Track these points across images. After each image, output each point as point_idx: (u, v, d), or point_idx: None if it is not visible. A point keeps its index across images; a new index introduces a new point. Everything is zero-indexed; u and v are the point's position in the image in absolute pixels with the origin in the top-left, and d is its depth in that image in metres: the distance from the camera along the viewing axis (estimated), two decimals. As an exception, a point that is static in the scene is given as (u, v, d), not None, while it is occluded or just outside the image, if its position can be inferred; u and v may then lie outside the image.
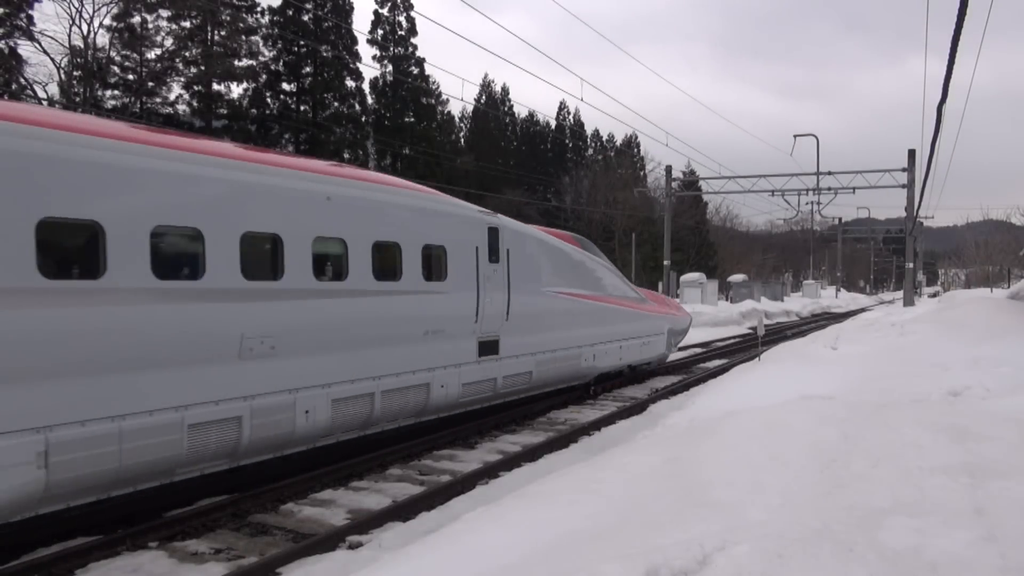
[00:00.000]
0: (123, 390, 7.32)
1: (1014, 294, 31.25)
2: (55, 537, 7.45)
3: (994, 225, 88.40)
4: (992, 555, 4.70)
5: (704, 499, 5.95)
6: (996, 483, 6.04)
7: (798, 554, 4.76)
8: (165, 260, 7.82)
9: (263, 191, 8.87)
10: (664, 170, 44.36)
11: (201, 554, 7.44)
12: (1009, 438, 7.48)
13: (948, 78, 14.20)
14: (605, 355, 16.55)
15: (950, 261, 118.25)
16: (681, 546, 4.83)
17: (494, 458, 11.04)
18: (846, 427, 8.19)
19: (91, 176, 7.19)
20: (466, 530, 5.93)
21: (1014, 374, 11.53)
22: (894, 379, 12.15)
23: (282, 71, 46.91)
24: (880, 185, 37.14)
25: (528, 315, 13.57)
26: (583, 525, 5.60)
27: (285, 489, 9.18)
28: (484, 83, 74.26)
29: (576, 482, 6.95)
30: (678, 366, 21.66)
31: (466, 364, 12.10)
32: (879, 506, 5.62)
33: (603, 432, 12.89)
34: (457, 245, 11.87)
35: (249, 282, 8.53)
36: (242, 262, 8.44)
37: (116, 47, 39.68)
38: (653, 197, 62.26)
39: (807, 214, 58.07)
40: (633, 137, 79.00)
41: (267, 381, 8.76)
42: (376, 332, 10.41)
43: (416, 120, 53.63)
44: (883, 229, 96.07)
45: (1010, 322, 17.75)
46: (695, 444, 7.92)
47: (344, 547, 7.51)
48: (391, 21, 53.69)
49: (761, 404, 9.91)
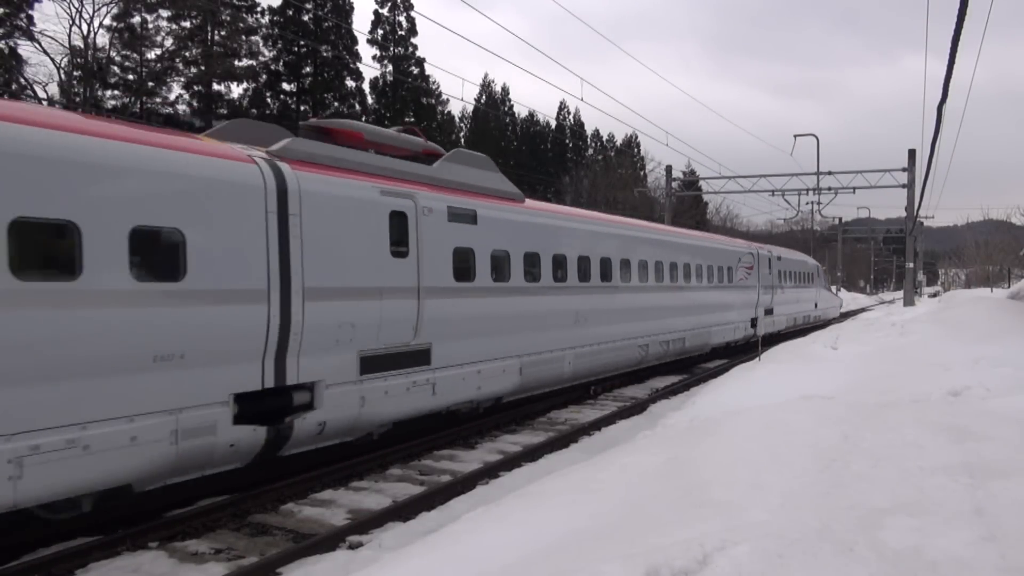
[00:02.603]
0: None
1: (1014, 294, 31.23)
2: (55, 537, 7.46)
3: (994, 225, 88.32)
4: (992, 555, 4.70)
5: (704, 499, 5.95)
6: (996, 483, 6.04)
7: (798, 554, 4.76)
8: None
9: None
10: (664, 170, 44.38)
11: (201, 554, 7.44)
12: (1009, 438, 7.48)
13: (948, 78, 14.20)
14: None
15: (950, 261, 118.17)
16: (681, 546, 4.83)
17: (494, 458, 11.04)
18: (846, 427, 8.19)
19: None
20: (466, 530, 5.93)
21: (1014, 374, 11.52)
22: (894, 379, 12.14)
23: (282, 71, 46.90)
24: (880, 185, 37.09)
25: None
26: (583, 525, 5.60)
27: (285, 489, 9.19)
28: (484, 83, 74.23)
29: (576, 482, 6.95)
30: (678, 366, 21.64)
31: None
32: (879, 506, 5.62)
33: (603, 432, 12.90)
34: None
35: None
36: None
37: (116, 47, 39.70)
38: (653, 197, 62.21)
39: (807, 214, 57.99)
40: (633, 137, 78.97)
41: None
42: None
43: (416, 120, 53.52)
44: (883, 229, 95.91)
45: (1010, 322, 17.75)
46: (695, 444, 7.92)
47: (344, 547, 7.52)
48: (391, 21, 53.69)
49: (761, 404, 9.91)
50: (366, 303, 9.99)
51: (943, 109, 17.40)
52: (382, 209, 10.34)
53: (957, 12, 11.04)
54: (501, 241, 12.73)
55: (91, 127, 7.52)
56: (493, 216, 12.61)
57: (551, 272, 14.18)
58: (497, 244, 12.60)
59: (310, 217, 9.16)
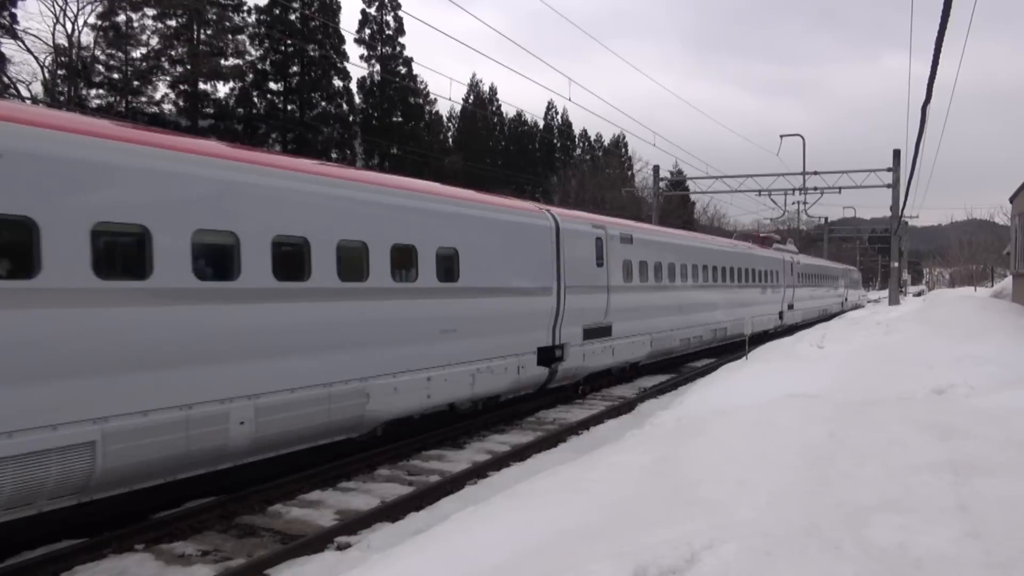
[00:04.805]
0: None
1: (998, 293, 31.50)
2: (40, 540, 7.39)
3: (978, 224, 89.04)
4: (976, 551, 4.74)
5: (692, 498, 5.98)
6: (980, 480, 6.09)
7: (785, 552, 4.78)
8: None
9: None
10: (652, 170, 44.51)
11: (188, 556, 7.40)
12: (993, 435, 7.55)
13: (932, 79, 14.28)
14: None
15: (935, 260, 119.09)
16: (669, 545, 4.85)
17: (483, 458, 11.03)
18: (832, 425, 8.24)
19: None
20: (455, 530, 5.93)
21: (998, 372, 11.62)
22: (879, 377, 12.22)
23: (269, 70, 46.62)
24: (866, 185, 37.34)
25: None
26: (572, 524, 5.61)
27: (273, 490, 9.15)
28: (472, 83, 74.09)
29: (565, 482, 6.96)
30: (667, 365, 21.69)
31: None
32: (865, 504, 5.66)
33: (592, 431, 12.92)
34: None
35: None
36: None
37: (101, 46, 39.37)
38: (641, 197, 62.40)
39: (794, 214, 58.30)
40: (621, 137, 79.16)
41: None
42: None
43: (404, 120, 53.46)
44: (868, 228, 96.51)
45: (994, 320, 17.90)
46: (683, 443, 7.95)
47: (332, 548, 7.49)
48: (379, 20, 53.50)
49: (748, 403, 9.96)
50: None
51: (927, 109, 17.53)
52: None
53: (941, 13, 11.10)
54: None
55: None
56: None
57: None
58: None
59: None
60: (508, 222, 13.44)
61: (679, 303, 20.81)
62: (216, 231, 8.17)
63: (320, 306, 9.33)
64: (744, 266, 27.35)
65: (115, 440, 7.05)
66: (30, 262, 6.57)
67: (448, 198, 12.16)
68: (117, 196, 7.31)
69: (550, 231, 14.59)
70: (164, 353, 7.54)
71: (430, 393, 11.29)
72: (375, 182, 10.89)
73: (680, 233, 24.61)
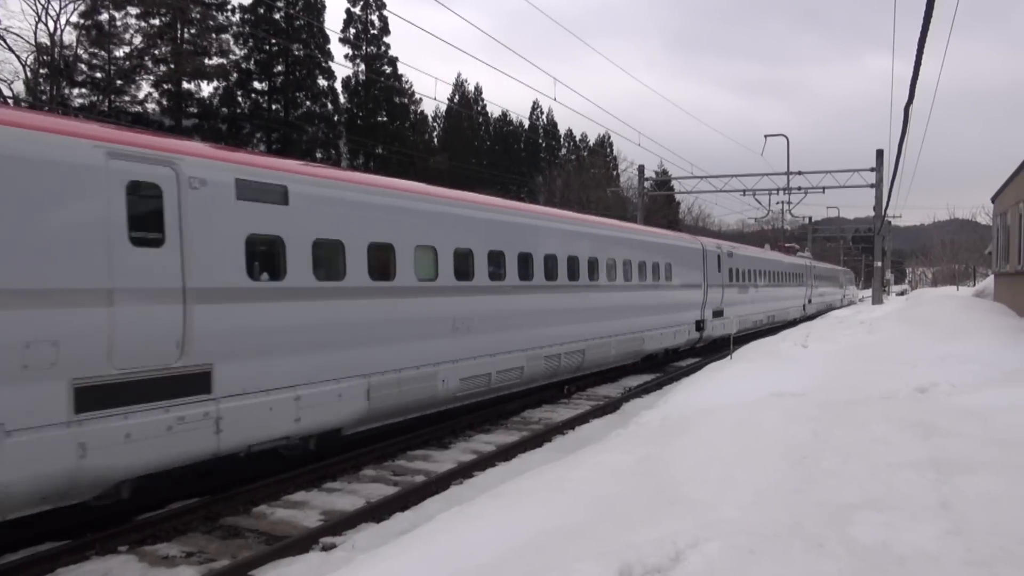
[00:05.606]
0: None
1: (980, 292, 31.80)
2: (22, 542, 7.33)
3: (960, 224, 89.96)
4: (958, 548, 4.79)
5: (677, 496, 6.00)
6: (962, 478, 6.15)
7: (769, 550, 4.81)
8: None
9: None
10: (637, 170, 44.63)
11: (172, 557, 7.35)
12: (974, 434, 7.62)
13: (915, 80, 14.40)
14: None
15: (918, 260, 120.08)
16: (654, 543, 4.86)
17: (468, 458, 11.03)
18: (816, 424, 8.29)
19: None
20: (440, 530, 5.92)
21: (980, 370, 11.72)
22: (863, 376, 12.29)
23: (253, 69, 46.42)
24: (849, 185, 37.60)
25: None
26: (557, 524, 5.62)
27: (257, 491, 9.10)
28: (457, 82, 74.09)
29: (550, 481, 6.96)
30: (654, 364, 21.77)
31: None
32: (849, 501, 5.70)
33: (577, 431, 12.93)
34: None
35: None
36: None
37: (83, 44, 39.06)
38: (626, 197, 62.55)
39: (778, 214, 58.67)
40: (606, 137, 79.30)
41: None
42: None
43: (389, 119, 53.34)
44: (852, 228, 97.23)
45: (976, 319, 18.05)
46: (668, 442, 7.98)
47: (317, 549, 7.47)
48: (364, 20, 53.39)
49: (733, 402, 10.01)
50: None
51: (910, 110, 17.68)
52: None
53: (923, 14, 11.19)
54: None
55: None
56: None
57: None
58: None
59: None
60: (680, 247, 22.50)
61: (757, 297, 30.88)
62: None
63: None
64: (787, 271, 38.10)
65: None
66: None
67: (652, 233, 21.83)
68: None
69: (699, 252, 23.56)
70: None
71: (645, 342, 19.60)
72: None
73: (756, 249, 35.87)
